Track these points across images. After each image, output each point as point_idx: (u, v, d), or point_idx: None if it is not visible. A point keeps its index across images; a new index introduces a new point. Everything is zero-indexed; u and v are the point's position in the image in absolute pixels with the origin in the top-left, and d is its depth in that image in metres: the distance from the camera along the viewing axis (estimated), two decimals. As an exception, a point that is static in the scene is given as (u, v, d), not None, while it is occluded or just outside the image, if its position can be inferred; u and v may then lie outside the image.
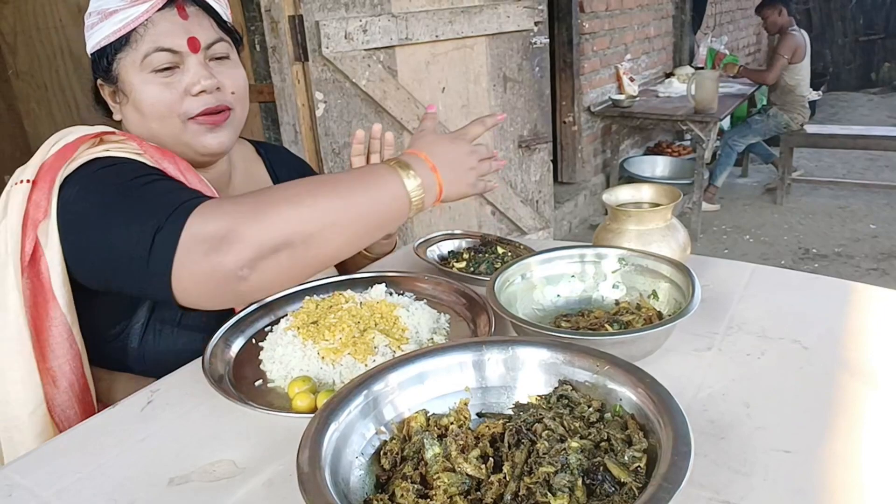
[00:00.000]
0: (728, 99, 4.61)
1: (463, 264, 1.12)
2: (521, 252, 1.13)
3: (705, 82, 4.21)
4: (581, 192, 4.55)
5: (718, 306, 0.94)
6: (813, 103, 5.25)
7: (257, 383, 0.84)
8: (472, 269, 1.10)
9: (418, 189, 0.85)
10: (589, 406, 0.63)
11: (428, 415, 0.65)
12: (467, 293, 0.98)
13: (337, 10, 2.32)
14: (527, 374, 0.68)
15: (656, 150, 5.46)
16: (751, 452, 0.64)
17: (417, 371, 0.67)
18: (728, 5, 6.94)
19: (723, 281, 1.02)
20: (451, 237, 1.22)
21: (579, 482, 0.54)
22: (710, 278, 1.02)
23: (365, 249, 1.23)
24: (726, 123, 5.53)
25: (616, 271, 0.95)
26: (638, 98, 4.76)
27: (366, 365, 0.81)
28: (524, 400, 0.67)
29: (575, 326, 0.86)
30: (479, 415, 0.67)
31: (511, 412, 0.66)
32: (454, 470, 0.57)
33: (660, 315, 0.88)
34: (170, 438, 0.74)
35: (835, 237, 4.26)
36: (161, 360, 0.95)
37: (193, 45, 0.95)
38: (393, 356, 0.81)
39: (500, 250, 1.16)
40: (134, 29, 0.93)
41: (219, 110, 0.98)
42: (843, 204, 4.79)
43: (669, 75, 5.50)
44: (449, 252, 1.19)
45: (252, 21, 2.49)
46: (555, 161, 3.85)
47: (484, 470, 0.57)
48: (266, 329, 0.95)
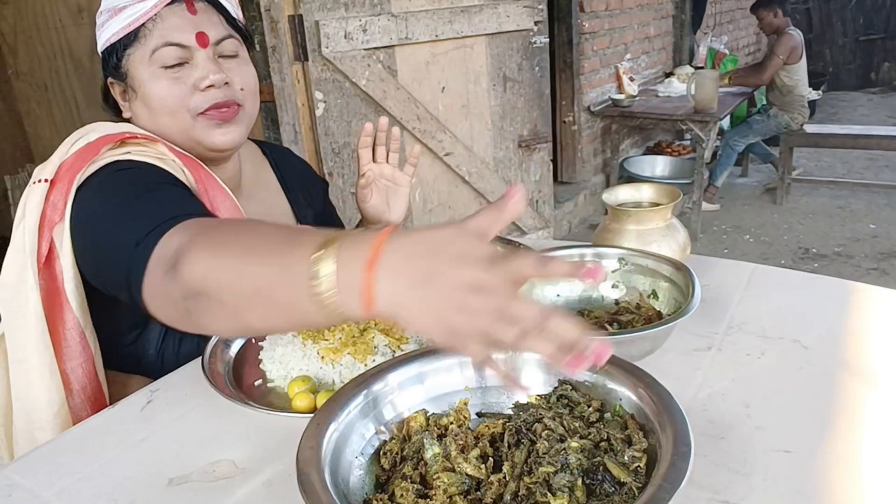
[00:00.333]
0: (728, 99, 4.61)
1: (463, 264, 1.12)
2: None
3: (705, 82, 4.21)
4: (581, 192, 4.55)
5: (718, 306, 0.94)
6: (813, 103, 5.25)
7: (257, 383, 0.84)
8: (472, 269, 1.10)
9: (328, 280, 0.51)
10: (589, 406, 0.63)
11: (428, 415, 0.65)
12: (467, 293, 0.98)
13: (337, 10, 2.32)
14: (527, 374, 0.68)
15: (656, 150, 5.46)
16: (751, 453, 0.64)
17: (417, 371, 0.67)
18: (728, 5, 6.93)
19: (723, 281, 1.02)
20: (451, 237, 1.22)
21: (579, 482, 0.54)
22: (710, 278, 1.02)
23: None
24: (726, 123, 5.53)
25: (616, 271, 0.95)
26: (638, 98, 4.76)
27: (365, 365, 0.81)
28: (524, 400, 0.67)
29: (575, 326, 0.86)
30: (479, 415, 0.67)
31: (511, 412, 0.66)
32: (454, 470, 0.57)
33: (659, 315, 0.88)
34: (170, 438, 0.74)
35: (835, 237, 4.26)
36: (181, 365, 0.94)
37: (202, 40, 0.95)
38: (393, 356, 0.81)
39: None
40: (143, 24, 0.93)
41: (227, 105, 0.97)
42: (843, 204, 4.78)
43: (669, 75, 5.49)
44: (449, 252, 1.19)
45: (252, 21, 2.48)
46: (555, 161, 3.85)
47: (484, 470, 0.57)
48: (266, 329, 0.95)
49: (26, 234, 0.86)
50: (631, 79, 4.94)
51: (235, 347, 0.92)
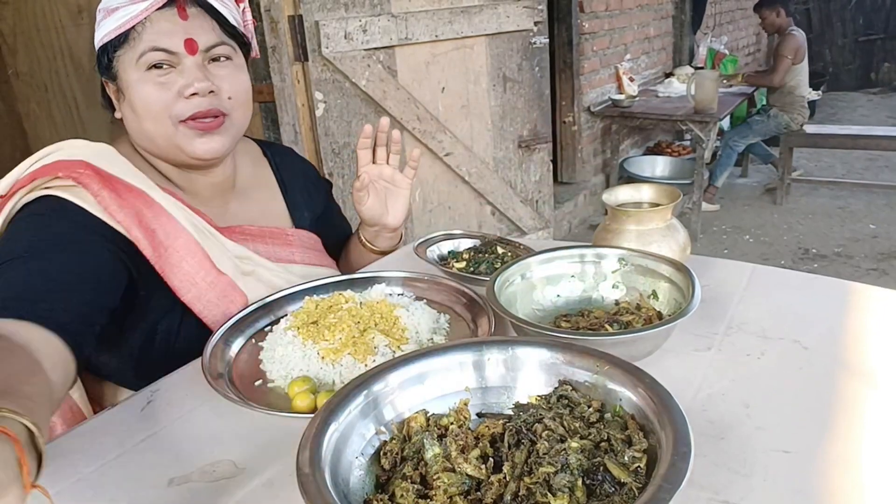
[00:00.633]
0: (728, 99, 4.61)
1: (463, 264, 1.12)
2: (521, 252, 1.13)
3: (705, 82, 4.21)
4: (581, 192, 4.55)
5: (718, 306, 0.94)
6: (812, 103, 5.25)
7: (257, 383, 0.84)
8: (472, 269, 1.10)
9: None
10: (589, 406, 0.63)
11: (428, 415, 0.65)
12: (467, 293, 0.98)
13: (337, 10, 2.32)
14: (527, 375, 0.68)
15: (656, 150, 5.46)
16: (750, 453, 0.64)
17: (417, 371, 0.67)
18: (728, 5, 6.94)
19: (723, 281, 1.02)
20: (451, 237, 1.22)
21: (579, 482, 0.54)
22: (710, 278, 1.02)
23: (370, 243, 1.24)
24: (726, 123, 5.53)
25: (616, 271, 0.95)
26: (638, 98, 4.76)
27: (366, 365, 0.81)
28: (524, 400, 0.67)
29: (575, 326, 0.86)
30: (479, 415, 0.67)
31: (511, 412, 0.66)
32: (454, 470, 0.57)
33: (660, 315, 0.88)
34: (170, 438, 0.74)
35: (834, 237, 4.27)
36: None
37: (191, 47, 0.94)
38: (393, 356, 0.81)
39: (500, 250, 1.16)
40: (133, 27, 0.93)
41: (211, 115, 0.97)
42: (843, 204, 4.79)
43: (669, 75, 5.50)
44: (449, 252, 1.19)
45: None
46: (555, 161, 3.85)
47: (484, 470, 0.57)
48: (266, 329, 0.95)
49: None
50: (631, 79, 4.94)
51: (235, 347, 0.92)
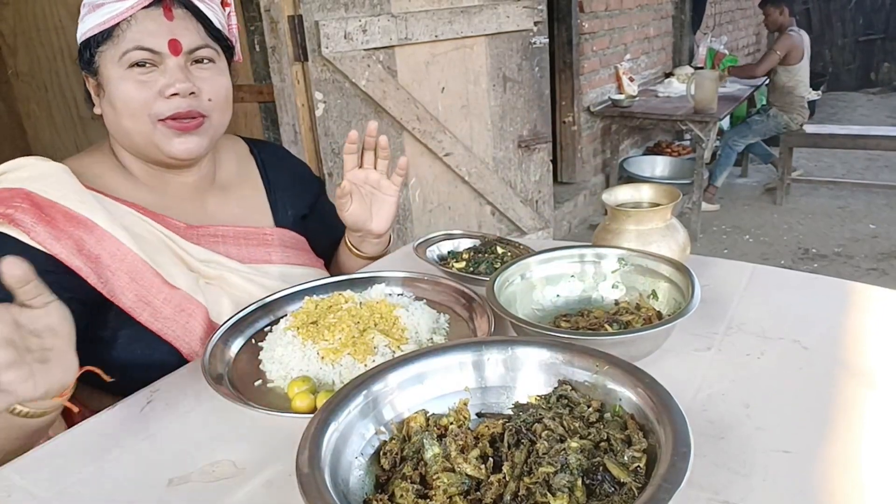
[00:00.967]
0: (728, 99, 4.61)
1: (462, 264, 1.12)
2: (521, 252, 1.13)
3: (705, 82, 4.21)
4: (581, 192, 4.55)
5: (718, 306, 0.94)
6: (812, 103, 5.26)
7: (257, 383, 0.84)
8: (472, 269, 1.10)
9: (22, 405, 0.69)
10: (588, 406, 0.63)
11: (427, 415, 0.65)
12: (467, 293, 0.98)
13: (336, 10, 2.32)
14: (526, 375, 0.68)
15: (656, 150, 5.46)
16: (750, 453, 0.64)
17: (417, 371, 0.67)
18: (728, 5, 6.94)
19: (722, 281, 1.02)
20: (451, 237, 1.22)
21: (579, 482, 0.54)
22: (710, 278, 1.02)
23: (355, 248, 1.22)
24: (726, 123, 5.53)
25: (616, 271, 0.95)
26: (637, 98, 4.77)
27: (365, 365, 0.81)
28: (524, 400, 0.67)
29: (574, 326, 0.86)
30: (479, 415, 0.67)
31: (511, 412, 0.66)
32: (454, 470, 0.57)
33: (659, 315, 0.88)
34: (169, 439, 0.74)
35: (834, 237, 4.27)
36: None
37: (174, 48, 0.94)
38: (392, 356, 0.81)
39: (500, 250, 1.16)
40: (117, 24, 0.93)
41: (190, 116, 0.97)
42: (843, 204, 4.79)
43: (669, 75, 5.50)
44: (448, 252, 1.19)
45: (252, 21, 2.49)
46: (554, 161, 3.85)
47: (483, 470, 0.57)
48: (266, 329, 0.95)
49: None
50: (631, 79, 4.94)
51: (235, 347, 0.92)
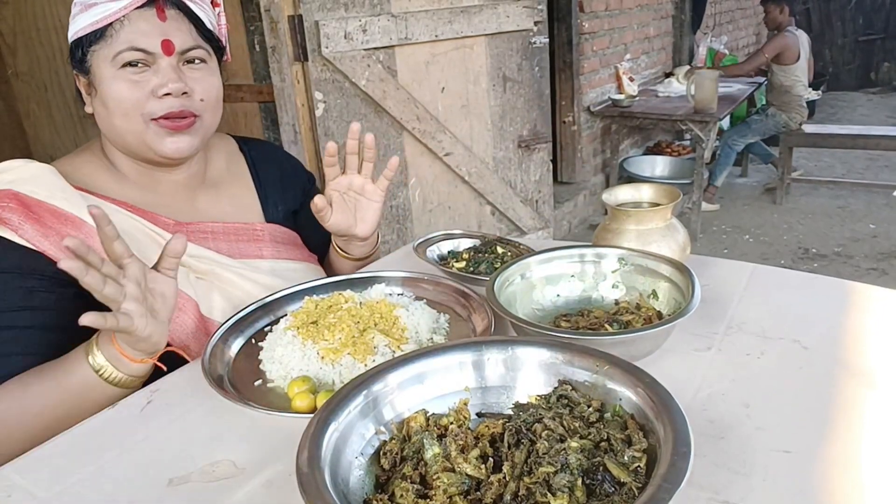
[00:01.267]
0: (728, 99, 4.61)
1: (462, 264, 1.12)
2: (521, 252, 1.13)
3: (705, 82, 4.21)
4: (581, 192, 4.55)
5: (718, 306, 0.94)
6: (812, 103, 5.26)
7: (257, 383, 0.84)
8: (472, 269, 1.10)
9: (106, 365, 0.82)
10: (589, 406, 0.63)
11: (427, 415, 0.65)
12: (467, 293, 0.98)
13: (336, 10, 2.32)
14: (526, 374, 0.68)
15: (656, 150, 5.46)
16: (750, 453, 0.64)
17: (417, 371, 0.67)
18: (728, 5, 6.94)
19: (722, 281, 1.02)
20: (451, 237, 1.22)
21: (579, 482, 0.54)
22: (710, 278, 1.02)
23: (342, 250, 1.20)
24: (726, 123, 5.53)
25: (616, 271, 0.95)
26: (637, 98, 4.77)
27: (365, 365, 0.81)
28: (524, 400, 0.67)
29: (575, 326, 0.86)
30: (479, 415, 0.67)
31: (511, 412, 0.66)
32: (454, 470, 0.57)
33: (659, 315, 0.88)
34: (170, 439, 0.74)
35: (834, 237, 4.27)
36: None
37: (167, 48, 0.95)
38: (392, 356, 0.81)
39: (500, 250, 1.16)
40: (110, 24, 0.93)
41: (182, 115, 0.97)
42: (843, 204, 4.79)
43: (669, 75, 5.50)
44: (448, 252, 1.19)
45: (252, 21, 2.49)
46: (554, 161, 3.85)
47: (483, 470, 0.57)
48: (266, 329, 0.95)
49: None
50: (631, 79, 4.94)
51: (235, 347, 0.92)
